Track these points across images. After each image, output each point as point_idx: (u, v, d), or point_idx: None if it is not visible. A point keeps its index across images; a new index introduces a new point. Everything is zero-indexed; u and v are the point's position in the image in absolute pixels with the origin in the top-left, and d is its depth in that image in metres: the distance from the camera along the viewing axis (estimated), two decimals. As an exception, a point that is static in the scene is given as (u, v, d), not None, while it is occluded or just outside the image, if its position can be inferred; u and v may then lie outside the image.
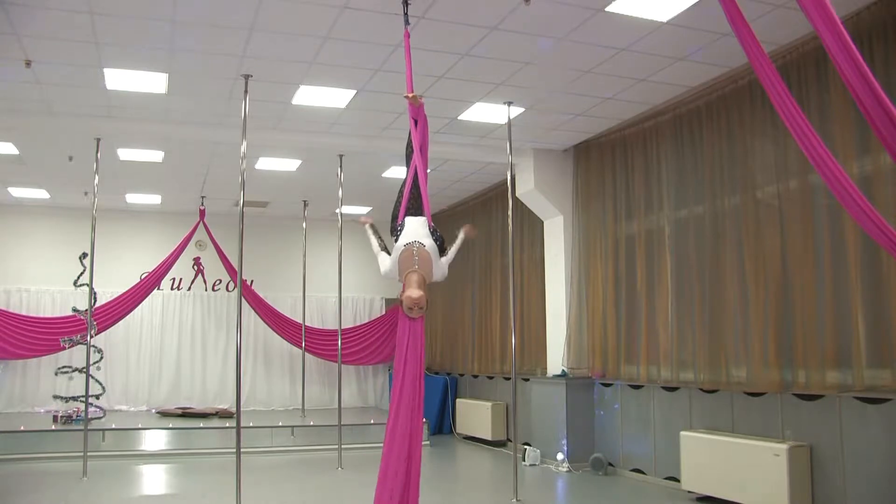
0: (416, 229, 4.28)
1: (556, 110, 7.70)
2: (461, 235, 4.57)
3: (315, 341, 12.61)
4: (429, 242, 4.21)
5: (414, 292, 4.00)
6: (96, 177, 8.27)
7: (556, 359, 8.95)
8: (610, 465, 8.16)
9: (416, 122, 4.57)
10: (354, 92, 7.13)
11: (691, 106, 7.16)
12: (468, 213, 11.97)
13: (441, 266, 4.24)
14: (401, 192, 4.50)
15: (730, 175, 6.68)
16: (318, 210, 12.49)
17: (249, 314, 12.19)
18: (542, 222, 9.47)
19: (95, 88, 6.95)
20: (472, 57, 6.29)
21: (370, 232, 4.65)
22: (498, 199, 10.88)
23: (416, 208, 4.40)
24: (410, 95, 4.56)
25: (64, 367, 10.60)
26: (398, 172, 9.87)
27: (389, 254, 4.31)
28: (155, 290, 11.84)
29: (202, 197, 11.49)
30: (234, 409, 8.27)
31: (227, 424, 10.03)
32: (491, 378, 11.11)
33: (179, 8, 5.39)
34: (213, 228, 11.66)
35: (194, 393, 12.70)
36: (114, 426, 9.80)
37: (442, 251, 4.30)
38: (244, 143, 6.76)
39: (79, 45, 5.99)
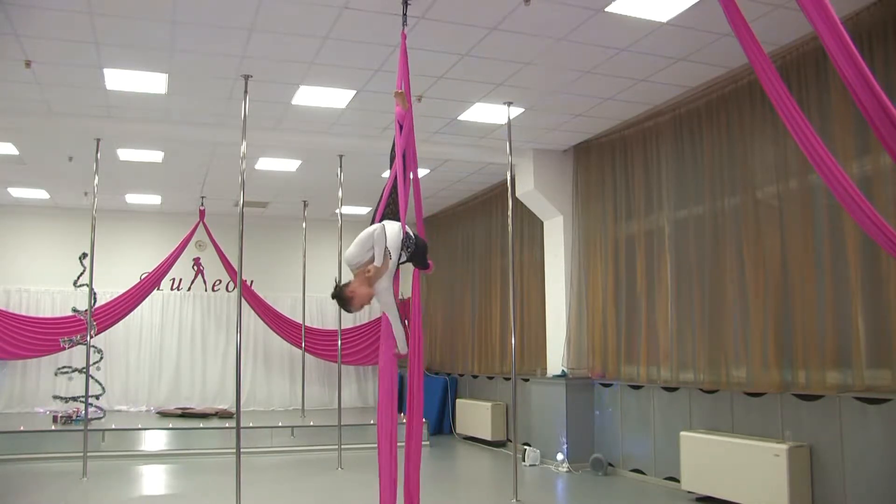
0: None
1: (556, 110, 7.70)
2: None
3: (315, 341, 12.61)
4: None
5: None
6: (96, 177, 8.27)
7: (556, 359, 8.95)
8: (610, 465, 8.15)
9: (401, 128, 4.45)
10: (354, 92, 7.13)
11: (691, 106, 7.16)
12: (468, 213, 11.97)
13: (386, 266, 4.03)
14: (381, 195, 4.33)
15: (730, 175, 6.68)
16: (318, 210, 12.49)
17: (249, 314, 12.19)
18: (542, 223, 9.46)
19: (95, 88, 6.95)
20: (472, 57, 6.29)
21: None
22: (498, 199, 10.87)
23: (392, 214, 4.19)
24: (400, 91, 4.47)
25: (64, 367, 10.61)
26: (398, 173, 9.85)
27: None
28: (155, 291, 11.85)
29: (202, 197, 11.49)
30: (233, 410, 8.26)
31: (227, 424, 10.03)
32: (491, 378, 11.10)
33: (179, 8, 5.39)
34: (213, 228, 11.66)
35: (194, 393, 12.72)
36: (114, 426, 9.80)
37: (421, 259, 4.20)
38: (244, 144, 6.76)
39: (79, 45, 5.99)
